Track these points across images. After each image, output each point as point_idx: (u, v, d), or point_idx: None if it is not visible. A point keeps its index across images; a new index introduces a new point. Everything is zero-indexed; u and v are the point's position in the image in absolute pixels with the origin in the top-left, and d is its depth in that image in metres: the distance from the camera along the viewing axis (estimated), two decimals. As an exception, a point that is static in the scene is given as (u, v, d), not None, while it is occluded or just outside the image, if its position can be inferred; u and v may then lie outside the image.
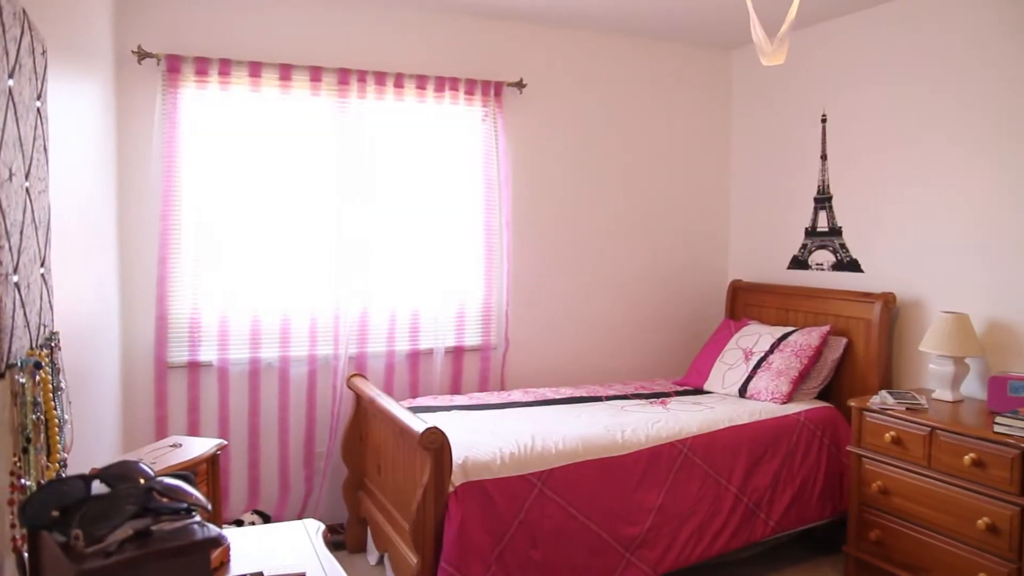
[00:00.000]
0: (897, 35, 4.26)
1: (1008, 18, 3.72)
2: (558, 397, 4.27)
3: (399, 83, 4.29)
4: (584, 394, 4.36)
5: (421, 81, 4.34)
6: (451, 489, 3.12)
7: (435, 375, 4.51)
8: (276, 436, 4.19)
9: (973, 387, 3.90)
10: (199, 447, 2.73)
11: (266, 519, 3.97)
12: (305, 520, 2.17)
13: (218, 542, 1.35)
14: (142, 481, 1.43)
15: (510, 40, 4.68)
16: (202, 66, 3.88)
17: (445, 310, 4.50)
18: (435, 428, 3.06)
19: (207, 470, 2.73)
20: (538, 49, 4.76)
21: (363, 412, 4.04)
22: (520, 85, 4.61)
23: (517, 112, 4.69)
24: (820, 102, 4.74)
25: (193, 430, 4.02)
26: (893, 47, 4.28)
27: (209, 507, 1.45)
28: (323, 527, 2.13)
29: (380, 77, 4.24)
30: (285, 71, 4.05)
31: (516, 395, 4.32)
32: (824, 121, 4.71)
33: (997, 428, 3.22)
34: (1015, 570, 3.14)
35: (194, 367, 4.01)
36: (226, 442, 2.91)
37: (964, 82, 3.92)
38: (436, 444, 3.05)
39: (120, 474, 1.44)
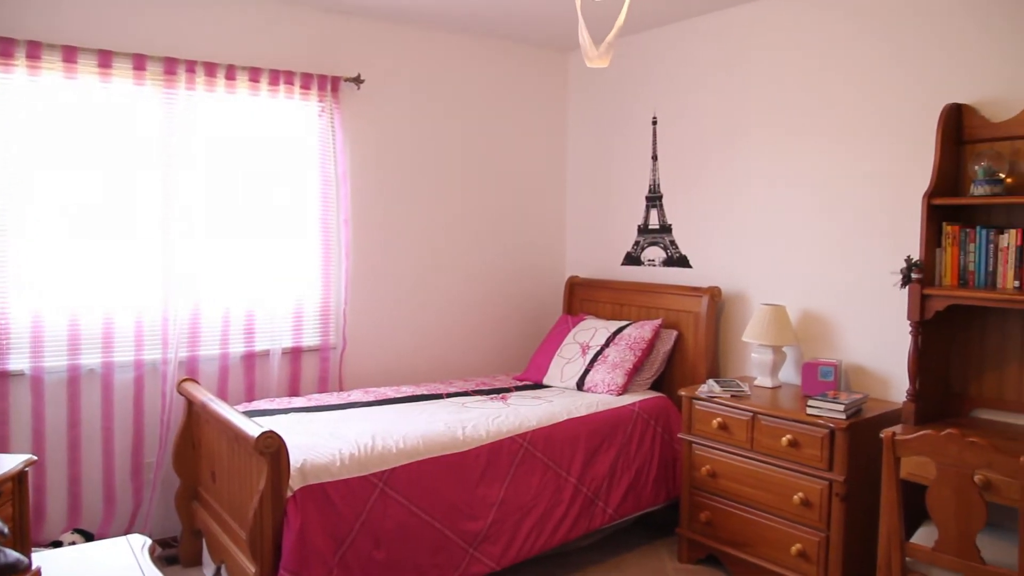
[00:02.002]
0: (721, 43, 4.50)
1: (827, 27, 4.02)
2: (399, 396, 4.25)
3: (231, 75, 4.12)
4: (425, 392, 4.36)
5: (254, 74, 4.19)
6: (289, 494, 3.03)
7: (272, 377, 4.37)
8: (99, 448, 3.93)
9: (789, 373, 4.18)
10: (2, 465, 2.50)
11: (88, 537, 3.72)
12: (130, 536, 2.06)
13: (15, 568, 1.24)
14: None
15: (348, 35, 4.59)
16: (6, 47, 3.56)
17: (282, 309, 4.37)
18: (271, 432, 2.96)
19: (13, 489, 2.51)
20: (376, 45, 4.71)
21: (195, 418, 3.86)
22: (358, 81, 4.54)
23: (355, 108, 4.62)
24: (651, 105, 4.94)
25: (1, 447, 3.70)
26: (717, 54, 4.52)
27: (6, 531, 1.34)
28: (149, 542, 2.02)
29: (210, 68, 4.06)
30: (105, 58, 3.79)
31: (356, 395, 4.26)
32: (655, 123, 4.92)
33: (810, 410, 3.47)
34: (824, 539, 3.41)
35: (2, 377, 3.69)
36: (36, 457, 2.68)
37: (780, 90, 4.20)
38: (272, 448, 2.95)
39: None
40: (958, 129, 3.37)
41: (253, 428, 3.03)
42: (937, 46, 3.55)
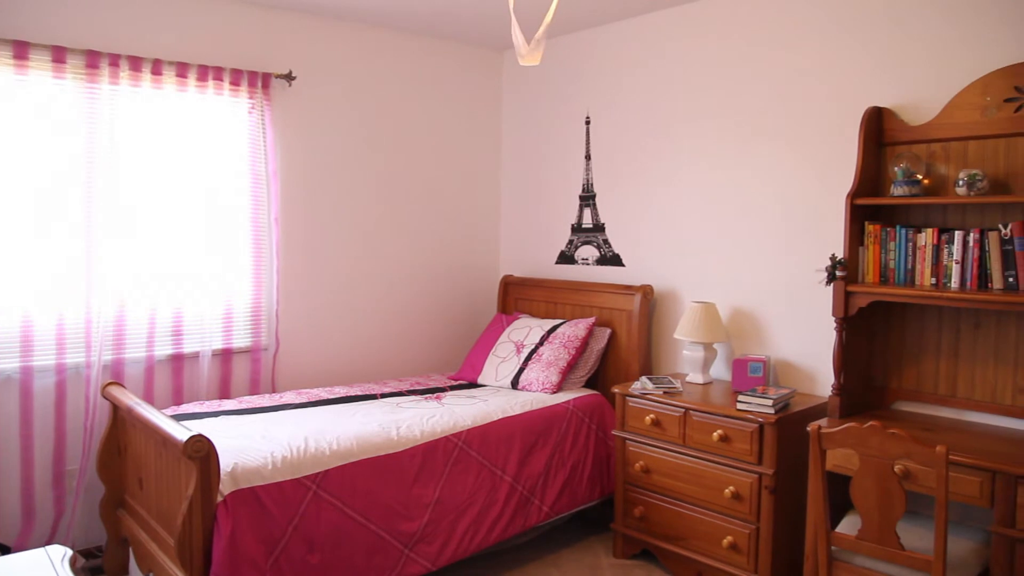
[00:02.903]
0: (650, 46, 4.57)
1: (754, 31, 4.10)
2: (332, 397, 4.19)
3: (157, 70, 4.01)
4: (359, 393, 4.31)
5: (182, 69, 4.08)
6: (219, 499, 2.97)
7: (201, 380, 4.26)
8: (17, 457, 3.77)
9: (720, 369, 4.27)
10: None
11: (5, 550, 3.58)
12: (49, 547, 1.98)
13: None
14: None
15: (279, 31, 4.51)
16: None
17: (211, 310, 4.27)
18: (200, 436, 2.89)
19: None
20: (309, 41, 4.64)
21: (121, 423, 3.75)
22: (289, 77, 4.47)
23: (286, 105, 4.54)
24: (585, 105, 4.98)
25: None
26: (647, 56, 4.59)
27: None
28: (71, 552, 1.95)
29: (135, 63, 3.94)
30: (20, 49, 3.63)
31: (289, 397, 4.19)
32: (588, 123, 4.96)
33: (740, 405, 3.55)
34: (754, 530, 3.49)
35: (-87, 383, 3.53)
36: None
37: (707, 93, 4.28)
38: (201, 452, 2.88)
39: None
40: (879, 132, 3.48)
41: (181, 432, 2.95)
42: (860, 51, 3.67)
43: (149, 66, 3.99)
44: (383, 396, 4.27)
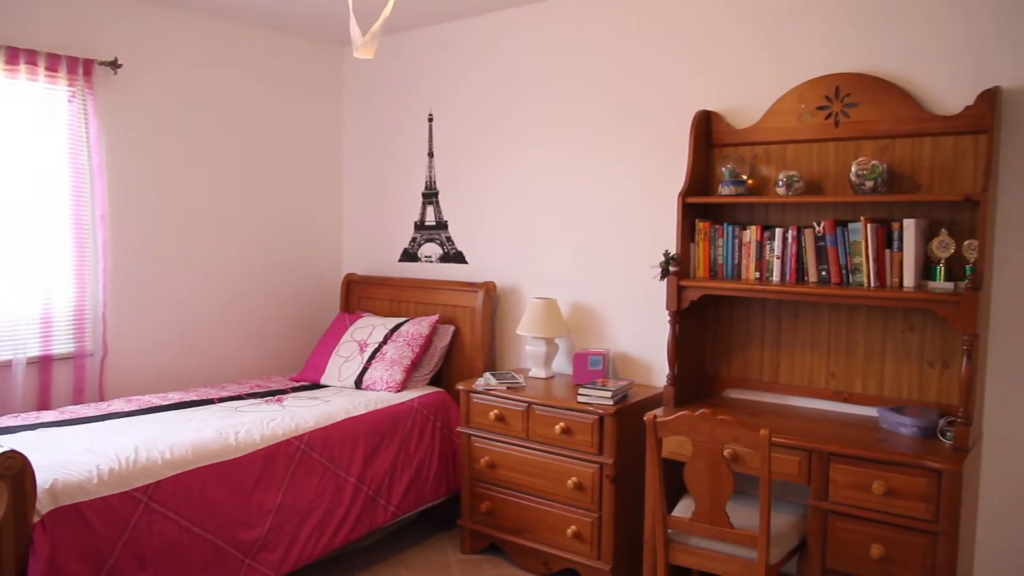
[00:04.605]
0: (491, 45, 4.61)
1: (591, 35, 4.21)
2: (166, 403, 3.97)
3: (-44, 52, 3.67)
4: (195, 398, 4.10)
5: (-14, 52, 3.75)
6: (36, 519, 2.74)
7: (15, 390, 3.92)
8: None
9: (562, 364, 4.37)
10: None
11: None
12: None
13: None
14: None
15: (103, 15, 4.20)
16: None
17: (26, 314, 3.93)
18: (12, 451, 2.66)
19: None
20: (137, 27, 4.35)
21: (-81, 440, 3.40)
22: (115, 65, 4.18)
23: (112, 95, 4.25)
24: (427, 101, 4.96)
25: None
26: (488, 56, 4.63)
27: None
28: None
29: (-70, 43, 3.59)
30: None
31: (118, 405, 3.93)
32: (431, 120, 4.95)
33: (580, 398, 3.65)
34: (597, 519, 3.60)
35: None
36: None
37: (546, 93, 4.37)
38: (13, 469, 2.65)
39: None
40: (708, 134, 3.68)
41: (-9, 447, 2.71)
42: (690, 58, 3.85)
43: (-52, 47, 3.64)
44: (221, 400, 4.09)
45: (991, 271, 3.09)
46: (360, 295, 5.24)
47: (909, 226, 3.06)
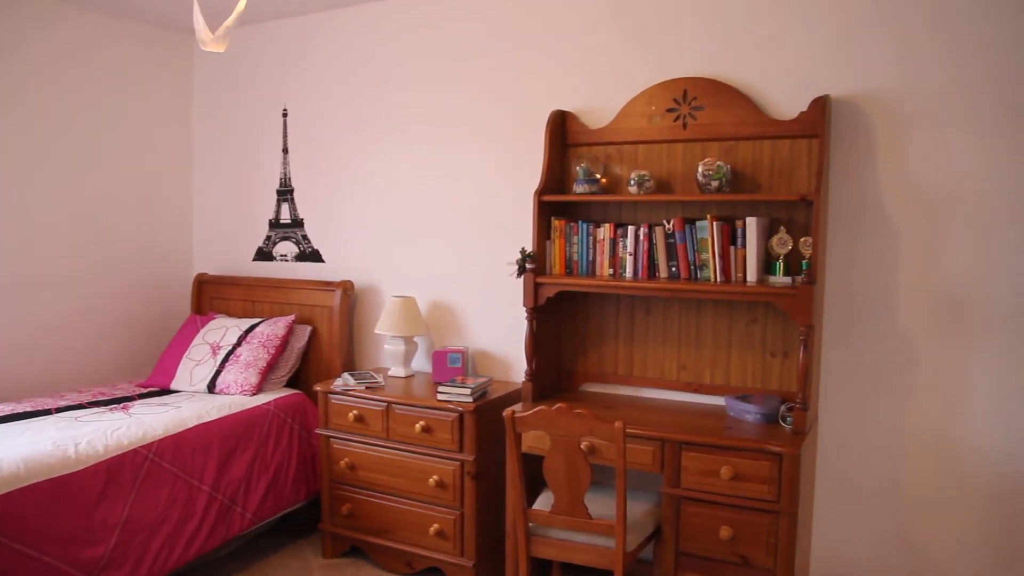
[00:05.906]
0: (349, 40, 4.53)
1: (452, 32, 4.21)
2: (-4, 415, 3.70)
3: None
4: (29, 409, 3.82)
5: None
6: None
7: None
8: None
9: (422, 362, 4.36)
10: None
11: None
12: None
13: None
14: None
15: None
16: None
17: None
18: None
19: None
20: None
21: None
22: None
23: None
24: (281, 96, 4.83)
25: None
26: (346, 51, 4.55)
27: None
28: None
29: None
30: None
31: (-62, 419, 3.63)
32: (285, 115, 4.82)
33: (440, 396, 3.65)
34: (459, 516, 3.62)
35: None
36: None
37: (405, 90, 4.34)
38: None
39: None
40: (563, 134, 3.75)
41: None
42: (546, 58, 3.92)
43: None
44: (59, 411, 3.83)
45: (824, 266, 3.30)
46: (212, 295, 5.03)
47: (751, 224, 3.24)
